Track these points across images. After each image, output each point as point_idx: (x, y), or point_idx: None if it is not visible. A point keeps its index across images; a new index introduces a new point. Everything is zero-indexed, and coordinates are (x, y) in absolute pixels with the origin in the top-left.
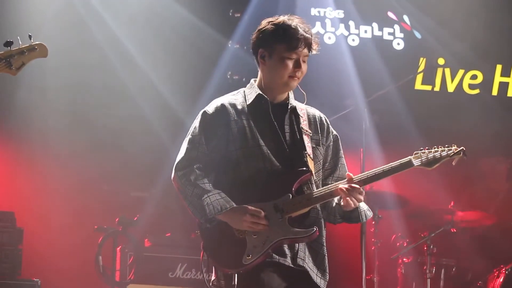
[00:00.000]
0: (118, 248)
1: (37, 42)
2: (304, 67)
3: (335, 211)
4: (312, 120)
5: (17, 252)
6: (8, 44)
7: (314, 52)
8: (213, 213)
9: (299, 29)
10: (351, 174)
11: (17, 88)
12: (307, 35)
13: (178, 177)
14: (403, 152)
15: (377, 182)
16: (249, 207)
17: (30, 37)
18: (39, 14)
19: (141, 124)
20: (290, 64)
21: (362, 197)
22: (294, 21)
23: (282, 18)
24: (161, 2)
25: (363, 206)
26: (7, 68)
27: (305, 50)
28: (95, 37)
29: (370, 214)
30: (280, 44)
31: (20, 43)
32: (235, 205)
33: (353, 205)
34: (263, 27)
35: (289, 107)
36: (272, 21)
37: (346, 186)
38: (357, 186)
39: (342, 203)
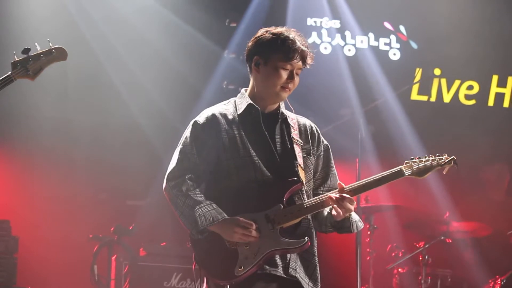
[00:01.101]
0: (113, 257)
1: (55, 46)
2: (296, 79)
3: (326, 220)
4: (303, 130)
5: (13, 260)
6: (26, 51)
7: (307, 66)
8: (205, 225)
9: (297, 41)
10: (342, 184)
11: (10, 97)
12: (304, 48)
13: (170, 187)
14: (399, 162)
15: (372, 192)
16: (241, 218)
17: (48, 41)
18: (33, 18)
19: (137, 133)
20: (284, 74)
21: (352, 207)
22: (292, 33)
23: (280, 29)
24: (157, 12)
25: (354, 216)
26: (23, 73)
27: (300, 63)
28: (91, 45)
29: (361, 225)
30: (276, 53)
31: (38, 48)
32: (226, 217)
33: (342, 215)
34: (261, 35)
35: (280, 116)
36: (270, 31)
37: (337, 195)
38: (348, 195)
39: (333, 213)
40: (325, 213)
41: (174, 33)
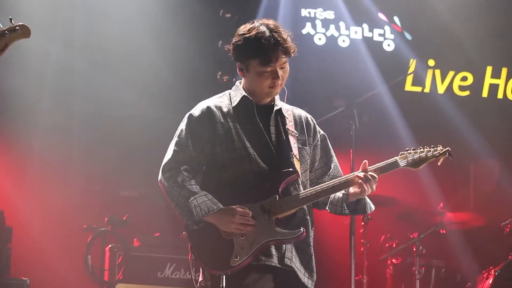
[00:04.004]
0: (107, 248)
1: (19, 23)
2: (284, 73)
3: (342, 202)
4: (298, 121)
5: (6, 251)
6: None
7: (292, 55)
8: (200, 215)
9: (271, 40)
10: (367, 162)
11: (6, 88)
12: (280, 46)
13: (165, 179)
14: (392, 153)
15: None
16: (237, 208)
17: (10, 20)
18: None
19: (131, 124)
20: (268, 76)
21: (375, 187)
22: (267, 31)
23: (253, 30)
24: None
25: (366, 198)
26: None
27: (282, 59)
28: (87, 33)
29: (373, 206)
30: (253, 59)
31: (1, 26)
32: (222, 207)
33: (364, 194)
34: (236, 41)
35: (274, 108)
36: (243, 34)
37: (366, 174)
38: (375, 175)
39: (351, 192)
40: (340, 195)
41: (169, 24)
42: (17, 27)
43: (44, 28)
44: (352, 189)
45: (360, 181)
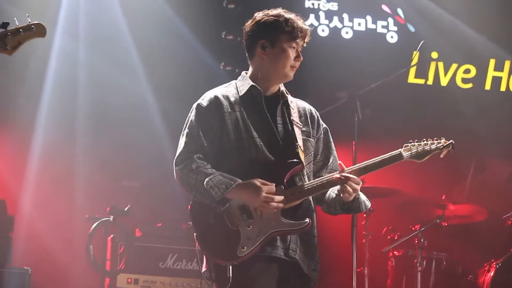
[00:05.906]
0: (109, 238)
1: (34, 22)
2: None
3: (335, 202)
4: (302, 113)
5: (8, 240)
6: (4, 25)
7: (305, 44)
8: (219, 194)
9: (297, 21)
10: (343, 165)
11: (8, 75)
12: (305, 26)
13: (180, 169)
14: (395, 146)
15: (368, 174)
16: (262, 186)
17: (27, 17)
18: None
19: (133, 113)
20: (292, 54)
21: (358, 187)
22: (290, 14)
23: (278, 11)
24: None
25: (362, 196)
26: (1, 48)
27: (302, 42)
28: (91, 23)
29: (368, 204)
30: (282, 34)
31: (17, 22)
32: (240, 181)
33: (349, 195)
34: (263, 19)
35: (281, 99)
36: (269, 13)
37: (341, 175)
38: (352, 176)
39: (341, 194)
40: (333, 195)
41: (172, 16)
42: (33, 26)
43: (48, 17)
44: (341, 193)
45: (340, 182)
